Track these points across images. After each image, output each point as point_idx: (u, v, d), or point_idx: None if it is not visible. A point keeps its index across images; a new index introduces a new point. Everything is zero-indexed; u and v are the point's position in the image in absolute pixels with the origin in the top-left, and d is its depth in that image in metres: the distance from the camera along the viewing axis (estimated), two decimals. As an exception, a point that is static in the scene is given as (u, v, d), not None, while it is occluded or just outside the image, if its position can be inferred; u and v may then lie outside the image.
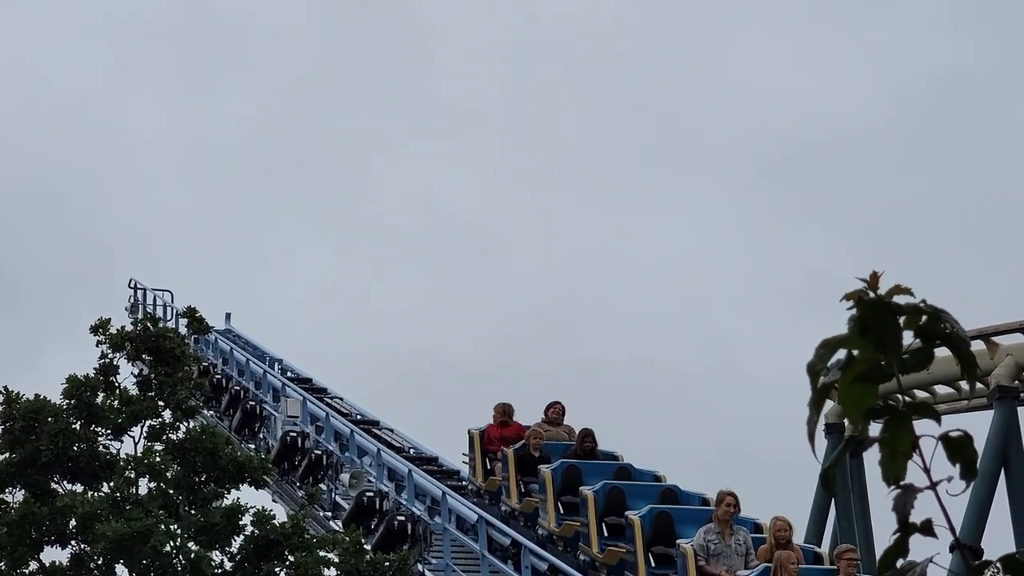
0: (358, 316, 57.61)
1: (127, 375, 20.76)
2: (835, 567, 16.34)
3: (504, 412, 23.16)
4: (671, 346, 59.00)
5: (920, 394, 20.32)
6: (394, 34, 66.40)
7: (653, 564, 18.33)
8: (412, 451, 28.17)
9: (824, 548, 19.83)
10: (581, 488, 19.88)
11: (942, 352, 2.71)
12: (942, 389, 20.59)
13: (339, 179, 65.46)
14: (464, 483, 23.13)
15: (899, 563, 2.63)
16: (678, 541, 17.89)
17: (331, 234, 64.72)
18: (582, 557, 19.56)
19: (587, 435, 21.63)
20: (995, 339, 18.54)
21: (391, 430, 29.02)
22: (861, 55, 63.38)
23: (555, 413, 22.93)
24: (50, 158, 62.60)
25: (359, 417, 29.68)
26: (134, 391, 20.50)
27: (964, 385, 19.54)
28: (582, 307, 60.93)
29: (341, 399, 31.38)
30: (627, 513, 18.86)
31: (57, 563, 19.60)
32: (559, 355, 58.92)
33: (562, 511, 20.47)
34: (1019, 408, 19.00)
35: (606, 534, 19.33)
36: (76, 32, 66.64)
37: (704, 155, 63.20)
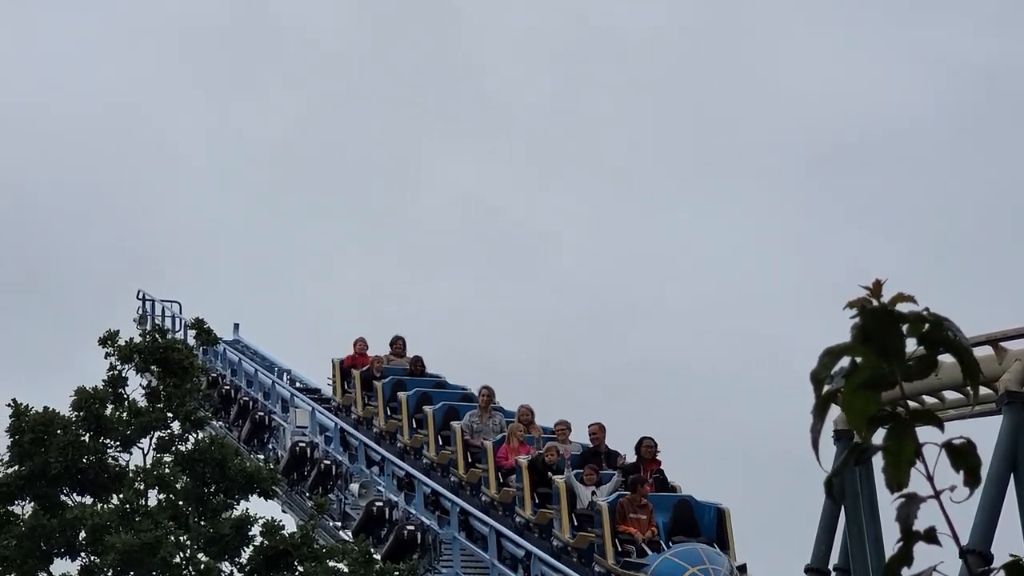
0: (400, 318, 57.37)
1: (136, 387, 20.79)
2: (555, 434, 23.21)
3: (362, 345, 29.36)
4: (715, 347, 58.55)
5: (930, 400, 20.27)
6: (439, 34, 66.13)
7: (440, 443, 25.01)
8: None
9: (834, 558, 19.91)
10: (399, 393, 26.44)
11: (951, 358, 2.71)
12: (951, 395, 20.54)
13: (382, 180, 65.17)
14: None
15: (904, 572, 2.62)
16: (451, 423, 24.65)
17: (374, 236, 64.44)
18: (403, 442, 26.11)
19: (417, 360, 28.11)
20: (1003, 344, 18.50)
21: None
22: (905, 50, 62.87)
23: (398, 347, 29.05)
24: (92, 162, 62.48)
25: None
26: (143, 403, 20.52)
27: (974, 392, 19.41)
28: (626, 308, 60.64)
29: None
30: (424, 408, 25.60)
31: (67, 575, 19.64)
32: (603, 357, 58.62)
33: (389, 413, 26.82)
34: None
35: (415, 425, 25.91)
36: (121, 38, 66.55)
37: (748, 155, 62.79)
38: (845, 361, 2.67)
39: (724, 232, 62.01)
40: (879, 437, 2.74)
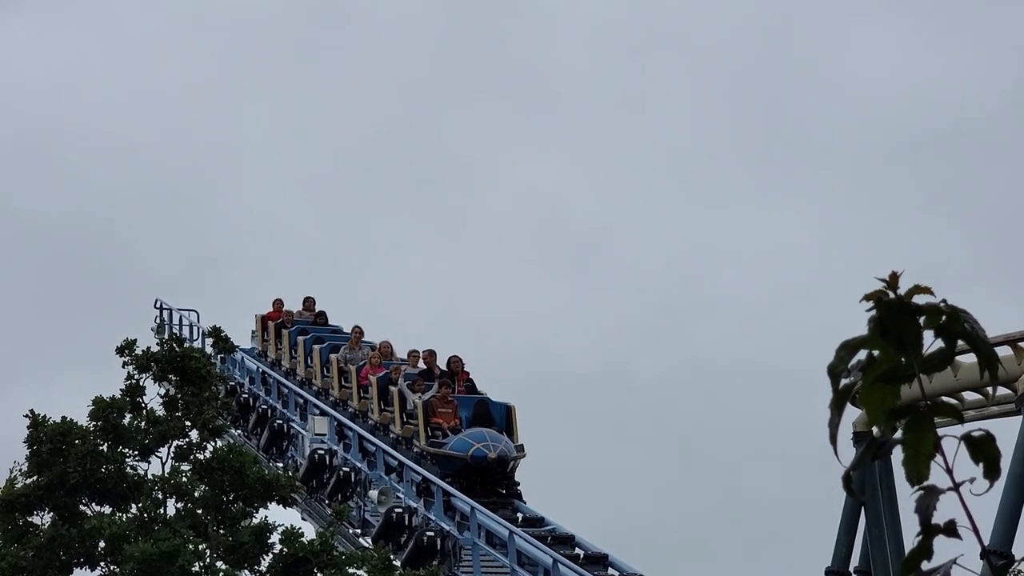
0: (466, 316, 57.13)
1: (154, 396, 20.78)
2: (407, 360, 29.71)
3: (279, 303, 35.41)
4: (782, 343, 57.89)
5: (949, 400, 20.13)
6: (505, 31, 65.64)
7: (327, 372, 31.33)
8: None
9: (855, 560, 19.82)
10: (298, 338, 33.01)
11: (969, 359, 2.68)
12: (970, 396, 20.45)
13: (447, 177, 64.78)
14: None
15: (924, 565, 2.60)
16: (330, 355, 31.24)
17: (438, 233, 64.16)
18: (299, 376, 32.31)
19: (320, 314, 34.75)
20: (1022, 344, 18.41)
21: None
22: (976, 37, 62.14)
23: (308, 304, 35.21)
24: (160, 160, 62.26)
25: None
26: (161, 412, 20.51)
27: (992, 389, 19.35)
28: (692, 304, 60.12)
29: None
30: (314, 346, 32.21)
31: (87, 585, 19.61)
32: (669, 353, 58.19)
33: (294, 355, 33.12)
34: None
35: (309, 363, 32.39)
36: (189, 36, 66.35)
37: (814, 146, 62.05)
38: (863, 354, 2.64)
39: (791, 226, 61.39)
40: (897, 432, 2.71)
